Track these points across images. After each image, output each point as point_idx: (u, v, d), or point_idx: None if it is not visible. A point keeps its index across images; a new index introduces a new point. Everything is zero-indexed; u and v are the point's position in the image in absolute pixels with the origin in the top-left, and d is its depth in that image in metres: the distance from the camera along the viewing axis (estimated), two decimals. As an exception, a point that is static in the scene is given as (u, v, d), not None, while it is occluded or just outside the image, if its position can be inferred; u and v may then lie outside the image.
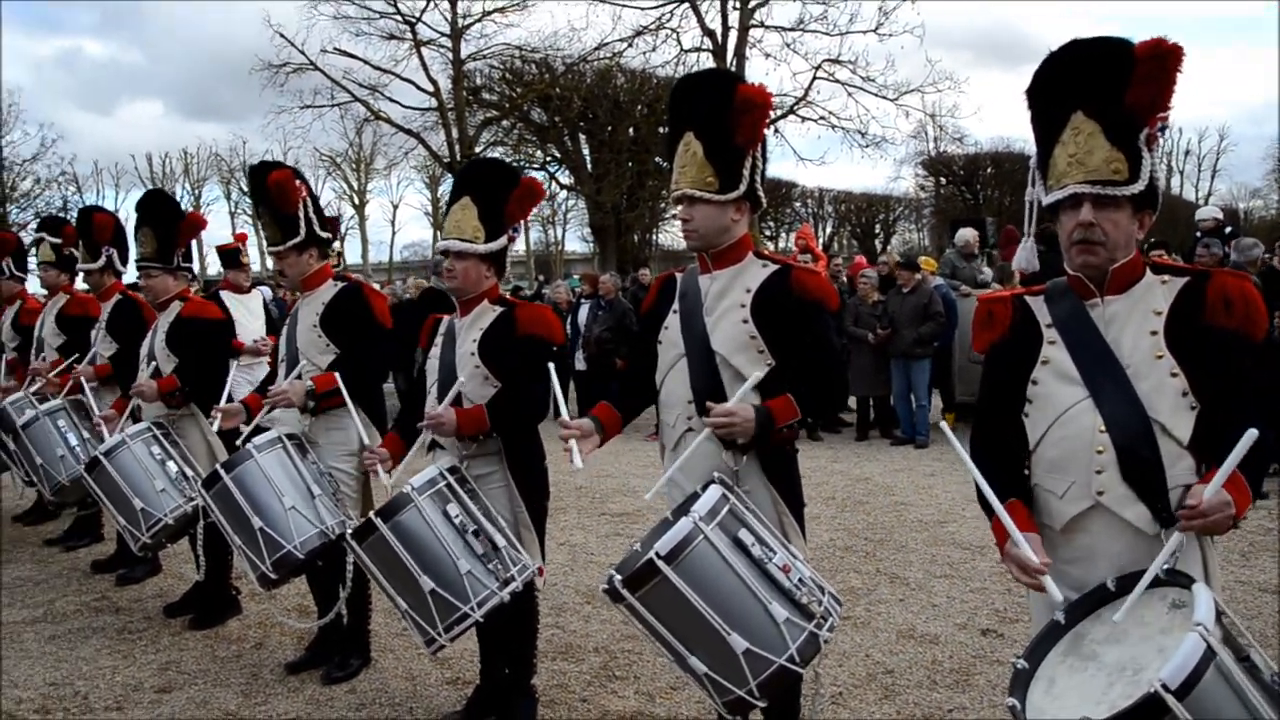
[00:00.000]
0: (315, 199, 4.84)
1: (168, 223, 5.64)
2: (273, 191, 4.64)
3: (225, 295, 7.52)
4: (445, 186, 45.00)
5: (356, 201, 46.73)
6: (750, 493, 3.18)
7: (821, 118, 31.52)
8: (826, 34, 30.53)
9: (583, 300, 13.21)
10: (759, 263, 3.33)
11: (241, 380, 6.26)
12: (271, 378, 4.99)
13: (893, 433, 11.25)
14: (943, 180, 45.00)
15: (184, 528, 5.27)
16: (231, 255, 8.12)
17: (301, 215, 4.69)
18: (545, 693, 4.46)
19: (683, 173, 3.25)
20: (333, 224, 4.90)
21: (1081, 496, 2.49)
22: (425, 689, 4.66)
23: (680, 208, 3.31)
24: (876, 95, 30.97)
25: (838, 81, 31.03)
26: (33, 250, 7.86)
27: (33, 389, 6.98)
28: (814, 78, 31.02)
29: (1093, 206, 2.42)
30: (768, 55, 31.17)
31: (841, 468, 9.67)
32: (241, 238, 9.22)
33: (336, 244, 9.23)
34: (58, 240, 7.39)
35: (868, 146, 31.84)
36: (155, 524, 5.11)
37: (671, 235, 41.25)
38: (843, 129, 31.50)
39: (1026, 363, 2.61)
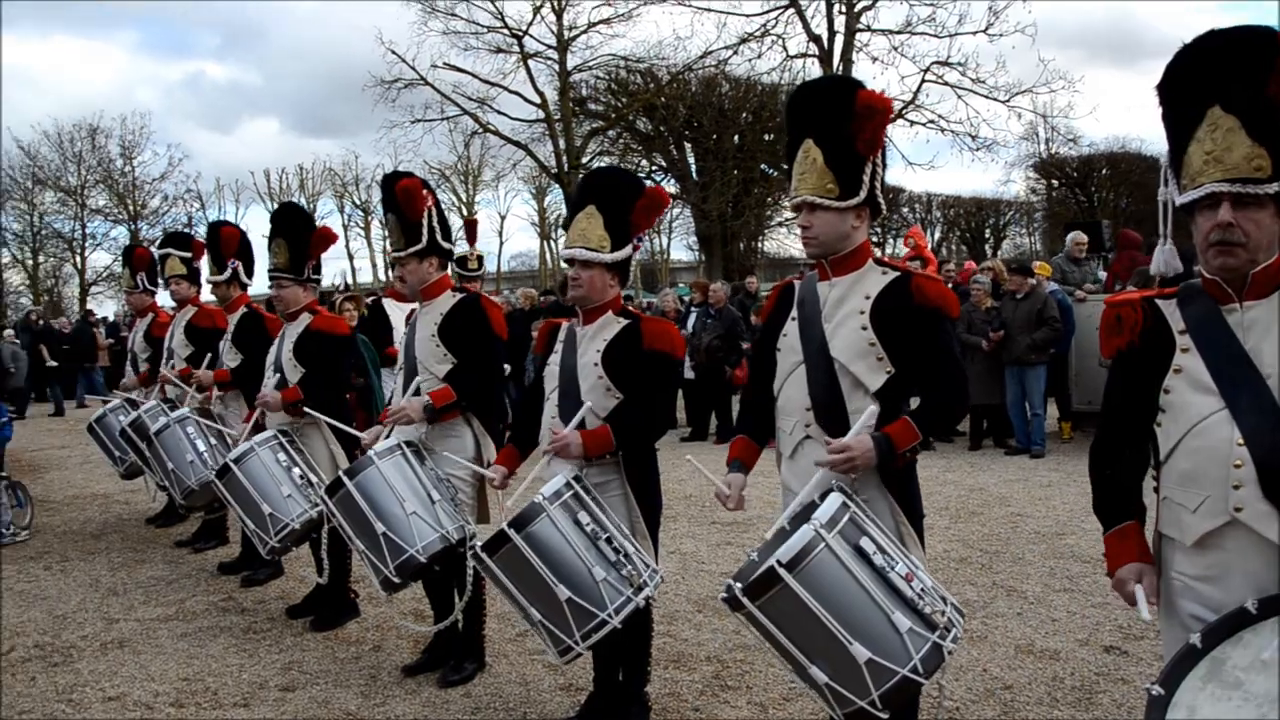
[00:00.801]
0: (441, 211, 4.95)
1: (300, 235, 5.80)
2: (400, 198, 4.76)
3: (387, 302, 7.60)
4: (552, 197, 45.60)
5: (465, 213, 47.58)
6: (869, 502, 3.13)
7: (930, 121, 30.98)
8: (935, 36, 30.06)
9: (692, 309, 13.21)
10: (878, 269, 3.29)
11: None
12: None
13: (1007, 442, 10.99)
14: (1055, 183, 43.74)
15: (308, 532, 5.43)
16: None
17: (425, 224, 4.80)
18: (657, 701, 4.47)
19: (802, 179, 3.24)
20: (470, 226, 5.01)
21: (1217, 512, 2.36)
22: (539, 694, 4.71)
23: (800, 215, 3.29)
24: (987, 97, 30.34)
25: (946, 84, 30.52)
26: (160, 265, 8.20)
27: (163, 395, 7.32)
28: (922, 81, 30.54)
29: (1232, 206, 2.30)
30: (874, 59, 30.82)
31: (954, 477, 9.48)
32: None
33: (478, 248, 9.30)
34: (186, 254, 7.71)
35: (978, 150, 31.19)
36: (282, 529, 5.28)
37: (777, 243, 41.10)
38: (952, 132, 30.92)
39: (1157, 370, 2.49)
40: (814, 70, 30.88)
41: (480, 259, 9.78)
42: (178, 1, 65.32)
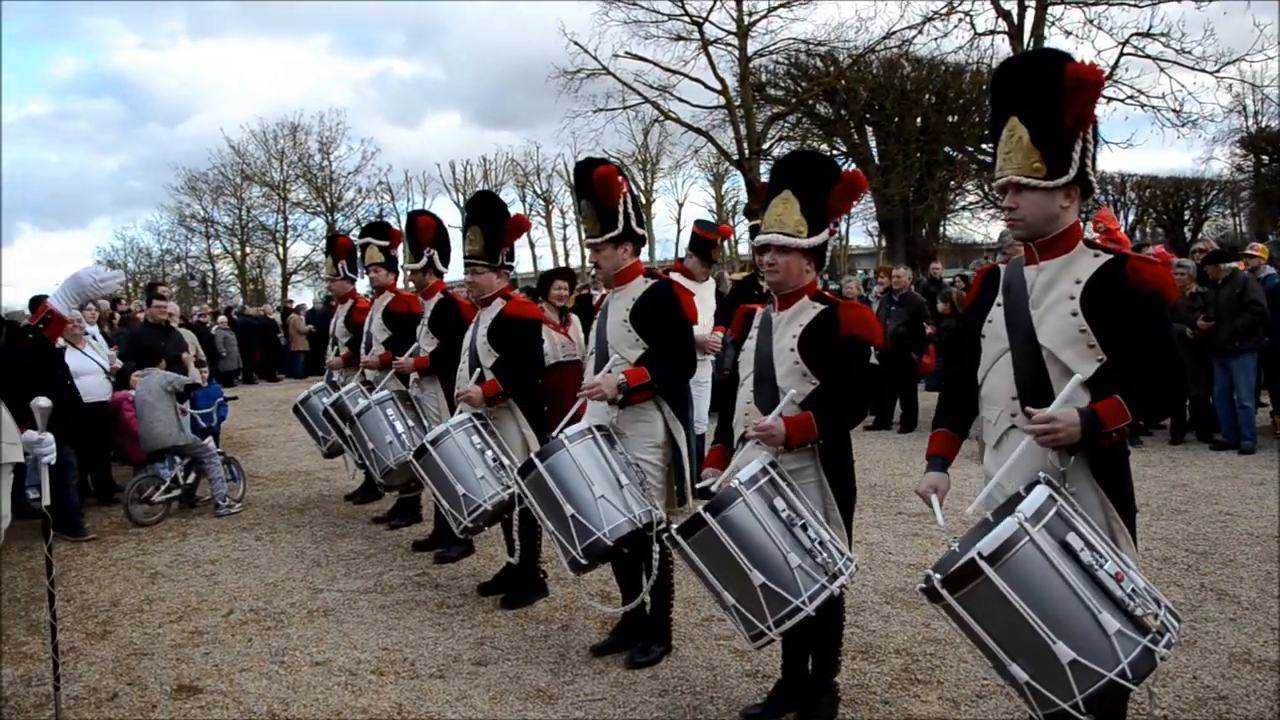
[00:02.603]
0: (635, 198, 5.00)
1: (495, 222, 5.96)
2: (597, 184, 4.82)
3: (677, 277, 7.52)
4: (730, 183, 45.56)
5: (643, 200, 48.09)
6: (1077, 495, 3.00)
7: (1130, 97, 29.26)
8: (1135, 5, 28.29)
9: (875, 295, 12.96)
10: (1090, 252, 3.13)
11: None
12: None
13: (1213, 436, 10.32)
14: (1265, 159, 40.65)
15: (500, 513, 5.58)
16: (703, 244, 8.12)
17: (621, 210, 4.86)
18: (846, 691, 4.40)
19: (1007, 159, 3.12)
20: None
21: None
22: (725, 679, 4.72)
23: (1005, 196, 3.16)
24: (1193, 69, 28.38)
25: (1148, 56, 28.73)
26: (360, 253, 8.57)
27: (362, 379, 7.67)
28: (1121, 54, 28.86)
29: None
30: (1068, 33, 29.23)
31: (1155, 472, 8.98)
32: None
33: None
34: (384, 243, 8.05)
35: (1183, 125, 29.28)
36: (475, 509, 5.45)
37: (960, 227, 39.81)
38: (1153, 108, 29.14)
39: None
40: (1003, 48, 29.71)
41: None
42: (366, 3, 68.21)
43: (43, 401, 4.27)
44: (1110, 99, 29.29)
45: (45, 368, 4.09)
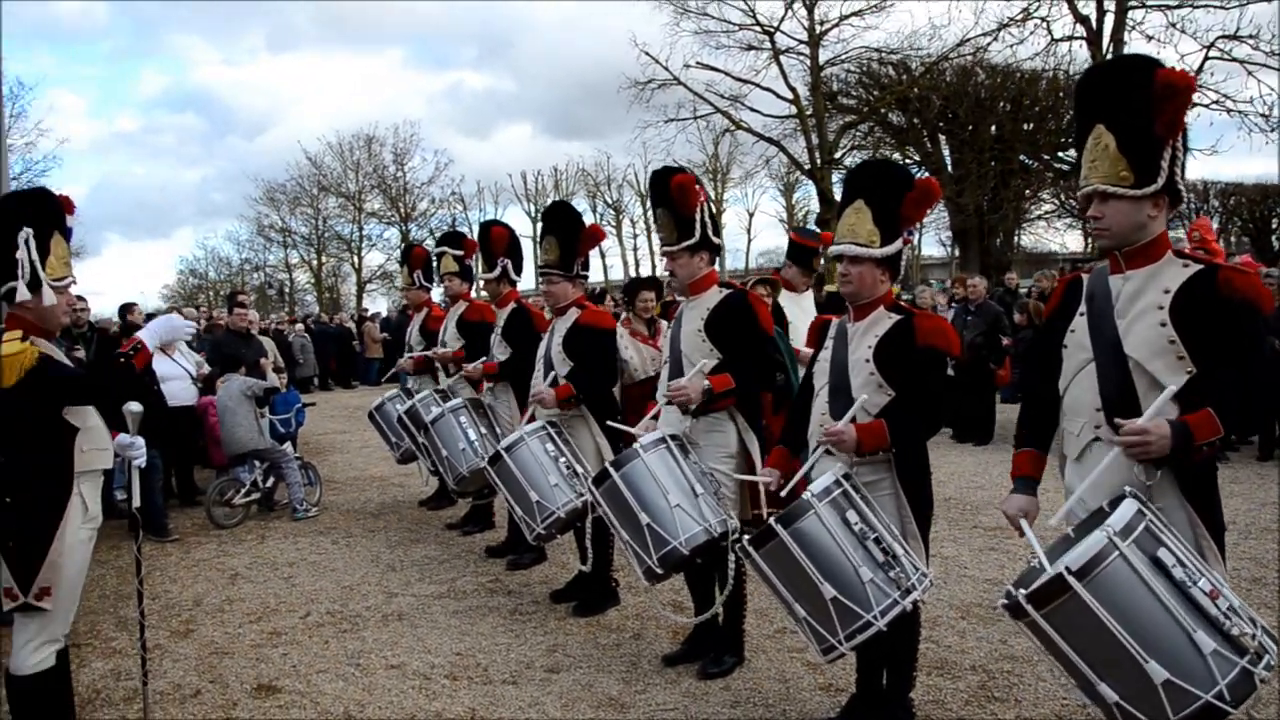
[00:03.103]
0: (711, 207, 5.00)
1: (570, 232, 6.00)
2: (675, 192, 4.83)
3: (782, 295, 7.35)
4: (800, 193, 45.30)
5: (712, 212, 47.99)
6: (1165, 511, 2.93)
7: (1215, 102, 28.44)
8: (1221, 7, 27.51)
9: (951, 304, 12.78)
10: (1179, 261, 3.06)
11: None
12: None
13: (1304, 453, 9.99)
14: (1362, 164, 39.24)
15: (572, 521, 5.60)
16: (803, 253, 7.52)
17: (698, 219, 4.86)
18: (920, 708, 4.34)
19: (1093, 167, 3.06)
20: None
21: None
22: (798, 692, 4.68)
23: (1091, 206, 3.11)
24: (1283, 70, 27.44)
25: (1234, 60, 27.90)
26: (435, 263, 8.68)
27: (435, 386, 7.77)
28: (1205, 58, 28.08)
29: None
30: (1150, 38, 28.43)
31: (1243, 489, 8.72)
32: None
33: None
34: (459, 253, 8.14)
35: (1272, 130, 28.35)
36: (548, 516, 5.47)
37: (1035, 237, 39.12)
38: (1239, 112, 28.27)
39: None
40: (1080, 54, 29.11)
41: None
42: (438, 16, 69.30)
43: (134, 406, 4.39)
44: (1195, 104, 28.42)
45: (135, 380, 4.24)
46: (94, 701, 4.89)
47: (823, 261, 7.88)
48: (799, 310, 7.27)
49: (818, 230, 8.28)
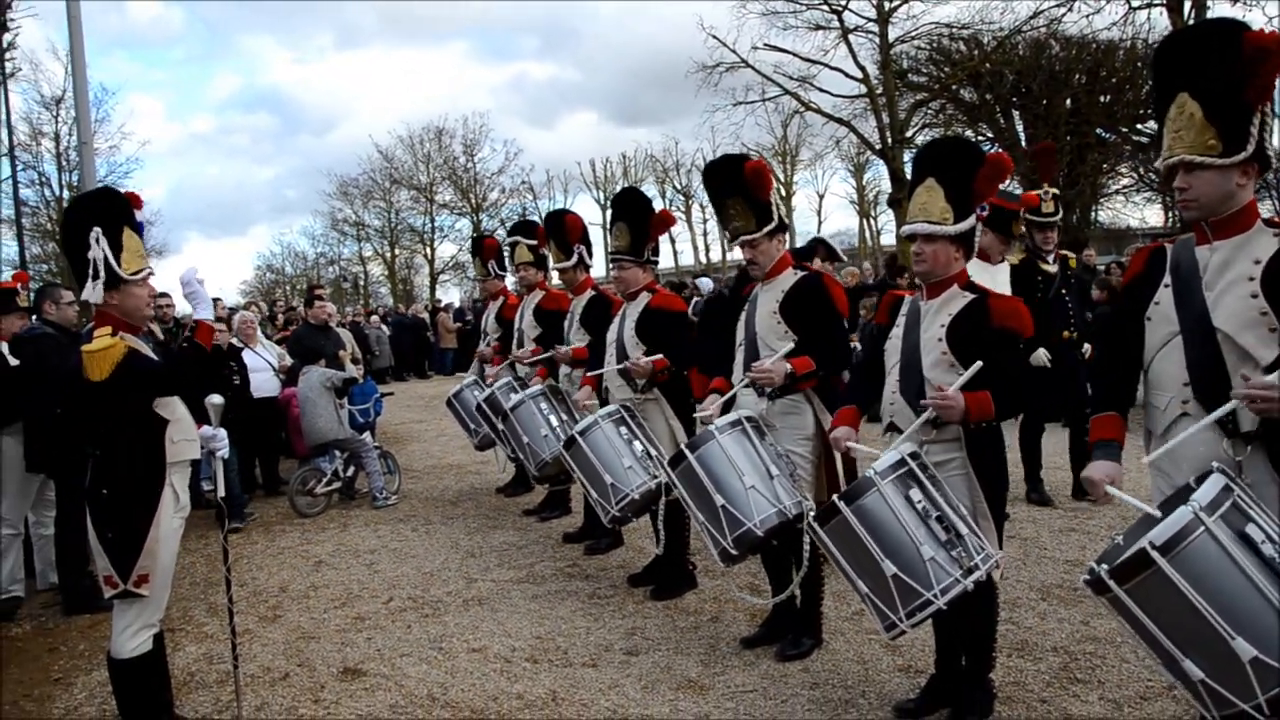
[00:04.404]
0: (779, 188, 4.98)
1: (641, 218, 6.02)
2: (751, 179, 4.81)
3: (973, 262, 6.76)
4: (871, 173, 44.77)
5: (783, 194, 47.71)
6: (1254, 486, 2.85)
7: (1305, 66, 27.37)
8: (1311, -36, 26.55)
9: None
10: (1269, 231, 2.97)
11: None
12: None
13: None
14: None
15: (647, 504, 5.62)
16: (1002, 217, 6.70)
17: (774, 202, 4.86)
18: (1001, 689, 4.30)
19: (1178, 137, 2.99)
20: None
21: None
22: (877, 674, 4.67)
23: (1176, 177, 3.03)
24: (1379, 29, 26.31)
25: (1328, 19, 26.89)
26: (509, 252, 8.75)
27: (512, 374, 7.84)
28: (1293, 18, 27.12)
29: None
30: (1234, 2, 27.67)
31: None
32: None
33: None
34: (532, 242, 8.20)
35: (1365, 96, 27.22)
36: (623, 498, 5.50)
37: (1113, 212, 38.15)
38: (1334, 76, 27.14)
39: None
40: (1160, 21, 28.27)
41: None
42: (501, 9, 69.69)
43: (216, 398, 4.53)
44: (1283, 70, 27.44)
45: (212, 367, 4.36)
46: (189, 684, 5.05)
47: (1022, 227, 7.21)
48: (991, 284, 6.33)
49: (1018, 193, 7.52)
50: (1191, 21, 25.58)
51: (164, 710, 4.25)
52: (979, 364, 3.72)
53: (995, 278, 6.47)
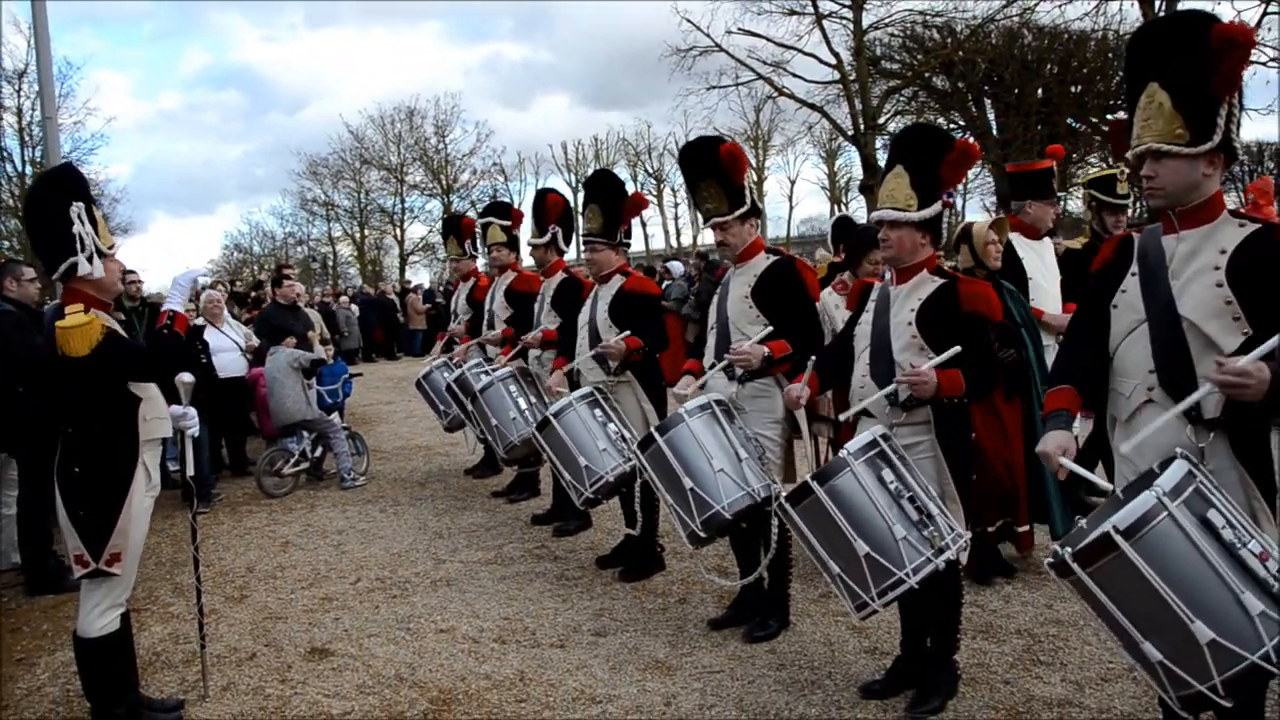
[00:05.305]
0: (752, 172, 4.99)
1: (614, 200, 6.02)
2: (726, 161, 4.80)
3: (1016, 238, 5.93)
4: (843, 160, 44.86)
5: (755, 178, 47.67)
6: (1216, 473, 2.89)
7: (1273, 59, 27.70)
8: (1280, -40, 26.77)
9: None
10: (1235, 221, 3.00)
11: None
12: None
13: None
14: None
15: (620, 485, 5.62)
16: (1036, 181, 6.13)
17: (747, 186, 4.86)
18: (966, 670, 4.35)
19: (1146, 126, 3.02)
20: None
21: None
22: (843, 655, 4.71)
23: (1144, 166, 3.06)
24: (1347, 25, 26.63)
25: (1294, 13, 27.14)
26: (482, 233, 8.70)
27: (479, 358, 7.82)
28: (1264, 13, 27.27)
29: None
30: (1206, -7, 27.86)
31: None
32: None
33: None
34: (506, 223, 8.16)
35: (1332, 88, 27.52)
36: (597, 480, 5.50)
37: (1081, 202, 38.46)
38: (1299, 70, 27.47)
39: None
40: (1131, 13, 28.48)
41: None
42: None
43: (187, 377, 4.48)
44: (1252, 62, 27.67)
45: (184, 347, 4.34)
46: (154, 664, 5.02)
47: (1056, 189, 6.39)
48: (1038, 261, 5.95)
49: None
50: (1162, 13, 25.72)
51: (129, 690, 4.22)
52: (957, 348, 3.75)
53: (1041, 255, 6.01)
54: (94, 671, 4.08)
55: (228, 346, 9.43)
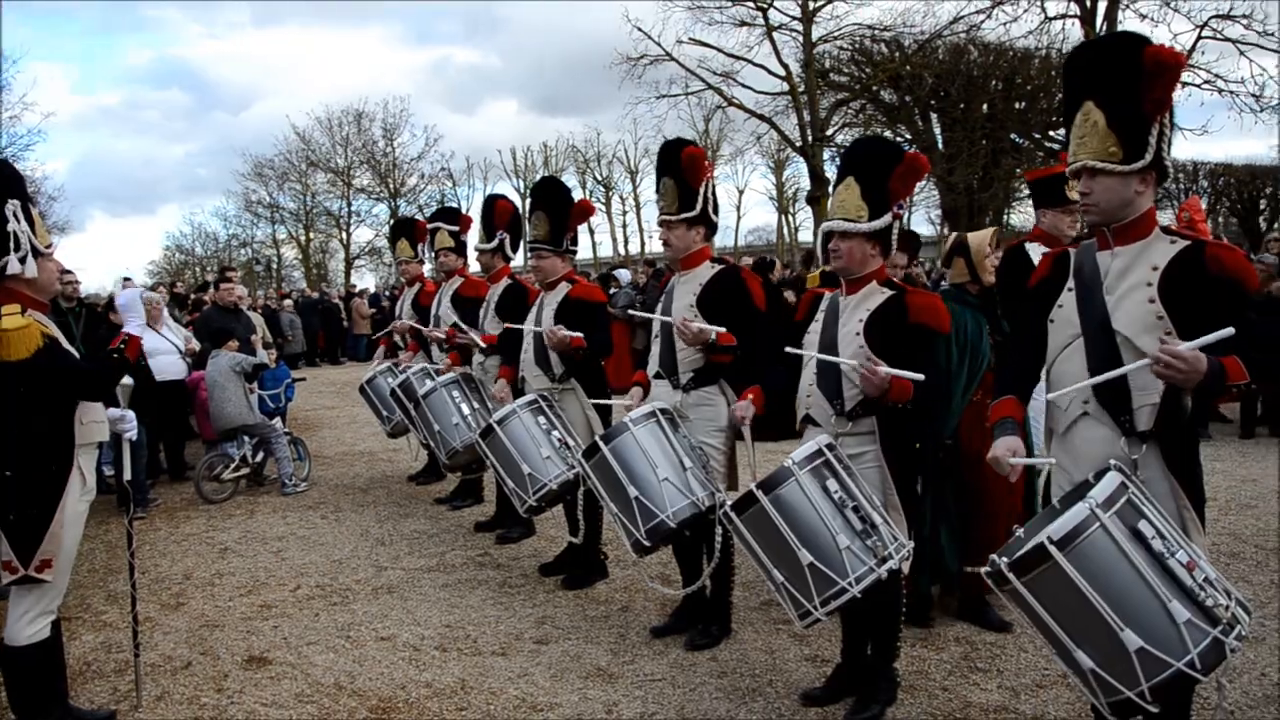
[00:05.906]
0: (714, 186, 5.01)
1: (560, 208, 6.02)
2: (685, 163, 4.83)
3: (1030, 247, 5.35)
4: (790, 170, 45.20)
5: (714, 190, 47.77)
6: (1148, 483, 2.97)
7: (1206, 82, 28.41)
8: (1215, -13, 27.48)
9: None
10: (1166, 238, 3.09)
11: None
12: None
13: (1286, 431, 10.06)
14: (1351, 147, 39.19)
15: (564, 493, 5.63)
16: (1049, 187, 5.22)
17: (702, 193, 4.87)
18: (905, 678, 4.40)
19: (1082, 144, 3.09)
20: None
21: None
22: (784, 663, 4.73)
23: (1079, 182, 3.13)
24: (1276, 51, 27.38)
25: (1227, 39, 27.88)
26: (430, 238, 8.63)
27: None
28: (1198, 37, 28.05)
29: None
30: (1144, 17, 28.35)
31: (1224, 467, 8.79)
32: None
33: None
34: (454, 228, 8.12)
35: (1262, 111, 28.33)
36: (540, 488, 5.49)
37: (1025, 215, 39.09)
38: (1231, 93, 28.25)
39: None
40: (1074, 33, 29.09)
41: None
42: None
43: (125, 379, 4.40)
44: (1186, 84, 28.38)
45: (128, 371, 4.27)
46: (85, 674, 4.91)
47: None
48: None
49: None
50: (1102, 33, 26.30)
51: (57, 701, 4.12)
52: (920, 376, 3.76)
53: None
54: (21, 681, 3.98)
55: (166, 349, 9.27)
